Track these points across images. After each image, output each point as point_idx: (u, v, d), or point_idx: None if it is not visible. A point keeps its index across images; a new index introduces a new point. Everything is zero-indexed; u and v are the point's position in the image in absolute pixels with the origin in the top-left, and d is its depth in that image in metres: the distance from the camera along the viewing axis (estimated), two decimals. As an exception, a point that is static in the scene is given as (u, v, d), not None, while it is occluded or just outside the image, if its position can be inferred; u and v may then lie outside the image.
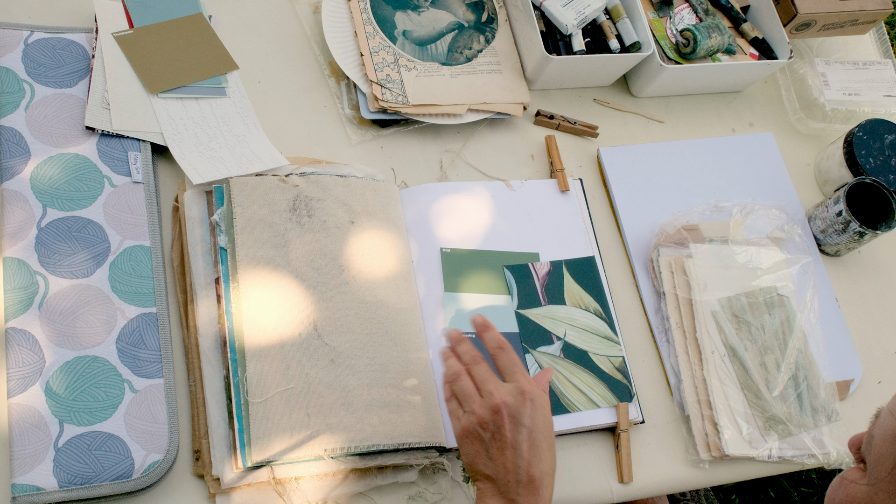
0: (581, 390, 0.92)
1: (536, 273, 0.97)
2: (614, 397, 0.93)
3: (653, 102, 1.18)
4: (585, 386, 0.92)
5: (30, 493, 0.74)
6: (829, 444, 0.97)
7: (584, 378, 0.93)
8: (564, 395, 0.91)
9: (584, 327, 0.95)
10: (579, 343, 0.94)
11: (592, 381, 0.93)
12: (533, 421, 0.75)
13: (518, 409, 0.74)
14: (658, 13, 1.17)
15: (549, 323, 0.95)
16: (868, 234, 1.07)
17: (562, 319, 0.95)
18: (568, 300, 0.96)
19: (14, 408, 0.77)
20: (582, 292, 0.97)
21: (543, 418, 0.75)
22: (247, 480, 0.79)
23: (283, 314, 0.84)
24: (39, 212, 0.85)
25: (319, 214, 0.90)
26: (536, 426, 0.75)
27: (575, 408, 0.91)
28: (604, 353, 0.95)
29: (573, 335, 0.95)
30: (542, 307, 0.95)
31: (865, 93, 1.22)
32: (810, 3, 1.17)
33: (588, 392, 0.92)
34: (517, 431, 0.74)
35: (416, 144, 1.04)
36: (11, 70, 0.90)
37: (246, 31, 1.04)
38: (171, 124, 0.93)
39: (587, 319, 0.96)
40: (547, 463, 0.75)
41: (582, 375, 0.93)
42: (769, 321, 1.01)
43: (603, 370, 0.94)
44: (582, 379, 0.92)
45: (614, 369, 0.94)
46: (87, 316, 0.82)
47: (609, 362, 0.94)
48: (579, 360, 0.94)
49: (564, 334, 0.94)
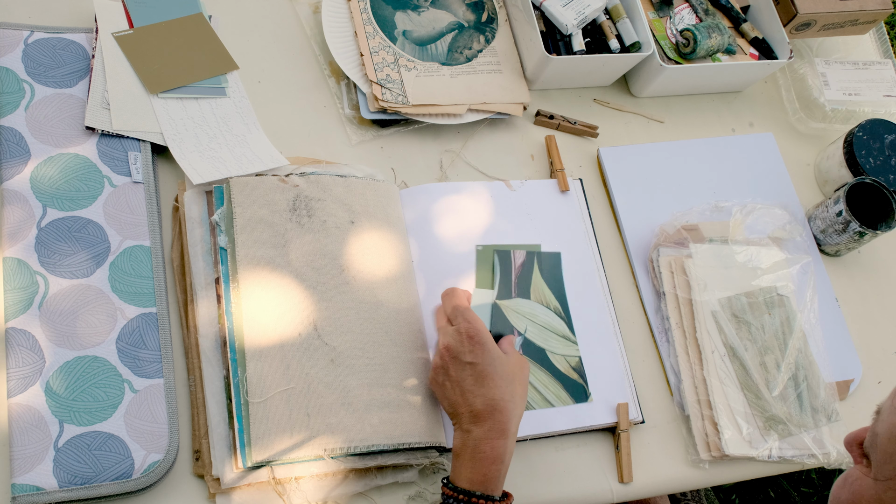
0: (537, 389, 0.91)
1: (514, 261, 0.96)
2: (569, 397, 0.91)
3: (653, 102, 1.18)
4: (541, 385, 0.91)
5: (30, 493, 0.74)
6: (829, 444, 0.97)
7: (539, 377, 0.91)
8: None
9: (543, 324, 0.94)
10: (538, 340, 0.93)
11: (548, 380, 0.92)
12: (476, 356, 0.80)
13: (458, 348, 0.80)
14: (658, 13, 1.17)
15: (513, 316, 0.94)
16: (868, 234, 1.07)
17: (524, 314, 0.94)
18: (533, 295, 0.95)
19: (14, 408, 0.77)
20: (545, 288, 0.96)
21: (486, 353, 0.80)
22: (247, 480, 0.79)
23: (283, 314, 0.84)
24: (39, 212, 0.85)
25: (319, 214, 0.90)
26: (481, 361, 0.79)
27: (529, 406, 0.89)
28: (561, 352, 0.94)
29: (533, 332, 0.93)
30: (511, 299, 0.94)
31: (865, 93, 1.22)
32: (810, 3, 1.17)
33: (543, 391, 0.91)
34: (460, 369, 0.80)
35: (416, 144, 1.04)
36: (11, 70, 0.90)
37: (246, 31, 1.04)
38: (171, 124, 0.93)
39: (547, 317, 0.95)
40: (496, 391, 0.79)
41: (538, 374, 0.92)
42: (769, 321, 1.01)
43: (559, 369, 0.93)
44: (538, 377, 0.91)
45: (570, 369, 0.93)
46: (87, 316, 0.82)
47: (566, 361, 0.93)
48: (537, 358, 0.92)
49: (525, 330, 0.93)
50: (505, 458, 0.77)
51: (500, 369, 0.80)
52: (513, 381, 0.80)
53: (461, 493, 0.76)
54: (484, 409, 0.78)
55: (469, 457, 0.77)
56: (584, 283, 0.99)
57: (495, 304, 0.92)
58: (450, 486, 0.77)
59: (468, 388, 0.79)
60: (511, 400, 0.79)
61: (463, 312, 0.82)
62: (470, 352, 0.80)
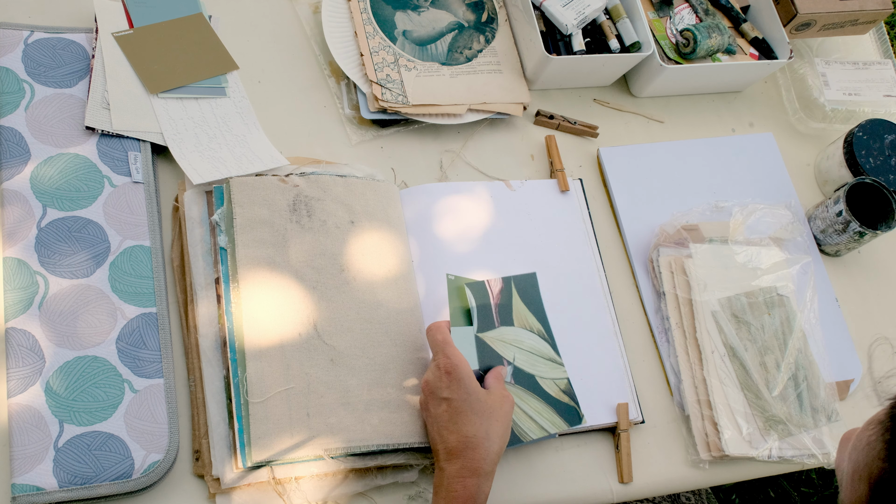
0: (532, 417, 0.88)
1: (491, 291, 0.92)
2: (563, 422, 0.89)
3: (653, 102, 1.18)
4: (535, 412, 0.88)
5: (30, 493, 0.74)
6: (829, 443, 0.97)
7: (533, 404, 0.89)
8: (517, 424, 0.86)
9: (530, 350, 0.91)
10: (527, 367, 0.90)
11: (541, 406, 0.89)
12: (452, 392, 0.78)
13: (436, 384, 0.80)
14: (658, 13, 1.17)
15: (499, 346, 0.90)
16: (868, 234, 1.07)
17: (511, 342, 0.90)
18: (516, 321, 0.92)
19: (14, 408, 0.77)
20: (527, 312, 0.93)
21: (462, 388, 0.78)
22: (247, 480, 0.79)
23: (283, 314, 0.84)
24: (39, 212, 0.85)
25: (319, 214, 0.90)
26: (457, 397, 0.78)
27: (527, 436, 0.86)
28: (549, 376, 0.91)
29: (521, 359, 0.90)
30: (495, 329, 0.90)
31: (865, 93, 1.22)
32: (810, 3, 1.17)
33: (538, 419, 0.88)
34: (437, 405, 0.79)
35: (416, 144, 1.04)
36: (11, 70, 0.90)
37: (246, 31, 1.04)
38: (171, 124, 0.93)
39: (532, 341, 0.92)
40: (468, 428, 0.77)
41: (531, 402, 0.89)
42: (769, 321, 1.01)
43: (550, 394, 0.90)
44: (532, 405, 0.88)
45: (561, 392, 0.90)
46: (87, 316, 0.82)
47: (555, 385, 0.91)
48: (528, 385, 0.89)
49: (514, 358, 0.90)
50: (478, 497, 0.76)
51: (476, 405, 0.78)
52: (489, 417, 0.79)
53: None
54: (456, 446, 0.77)
55: (444, 496, 0.76)
56: (584, 284, 0.99)
57: (479, 338, 0.89)
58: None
59: (443, 424, 0.78)
60: (485, 437, 0.77)
61: (443, 348, 0.81)
62: (447, 387, 0.79)
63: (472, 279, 0.91)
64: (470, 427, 0.77)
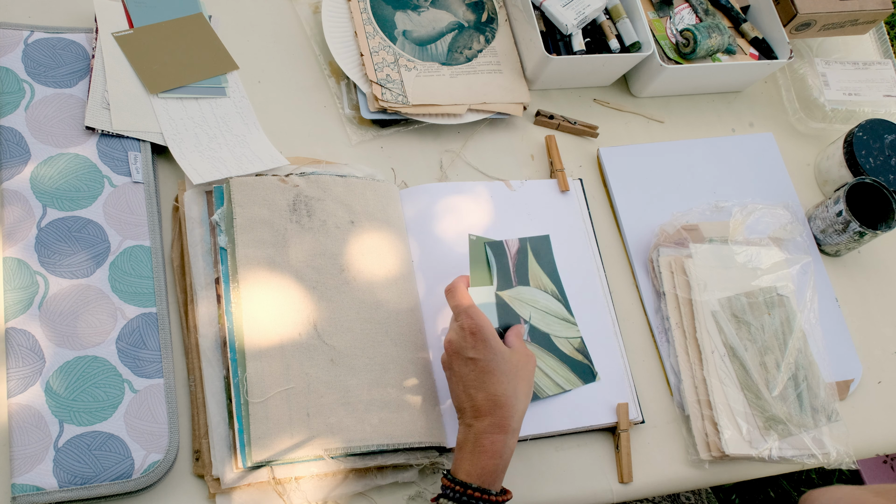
0: (547, 374, 0.91)
1: (509, 250, 0.94)
2: (578, 379, 0.92)
3: (653, 102, 1.18)
4: (551, 370, 0.91)
5: (30, 493, 0.74)
6: (829, 444, 0.97)
7: (549, 362, 0.91)
8: (535, 382, 0.89)
9: (545, 309, 0.94)
10: (542, 326, 0.93)
11: (557, 364, 0.92)
12: (478, 352, 0.79)
13: (460, 344, 0.80)
14: (658, 13, 1.17)
15: (517, 305, 0.92)
16: (868, 234, 1.07)
17: (527, 301, 0.93)
18: (531, 281, 0.94)
19: (14, 408, 0.77)
20: (541, 273, 0.95)
21: (489, 349, 0.79)
22: (247, 480, 0.79)
23: (283, 314, 0.84)
24: (39, 212, 0.85)
25: (319, 214, 0.90)
26: (484, 356, 0.79)
27: (544, 393, 0.90)
28: (564, 335, 0.94)
29: (537, 318, 0.93)
30: (513, 288, 0.92)
31: (865, 93, 1.22)
32: (810, 3, 1.17)
33: (554, 376, 0.91)
34: (463, 364, 0.80)
35: (416, 144, 1.04)
36: (11, 70, 0.90)
37: (246, 31, 1.04)
38: (171, 124, 0.93)
39: (547, 301, 0.94)
40: (497, 387, 0.79)
41: (547, 359, 0.91)
42: (769, 321, 1.01)
43: (565, 353, 0.93)
44: (548, 363, 0.91)
45: (575, 350, 0.93)
46: (87, 316, 0.82)
47: (569, 344, 0.93)
48: (543, 344, 0.92)
49: (530, 317, 0.92)
50: (504, 453, 0.78)
51: (503, 365, 0.80)
52: (515, 376, 0.80)
53: (458, 484, 0.76)
54: (485, 405, 0.78)
55: (469, 450, 0.78)
56: (584, 284, 0.99)
57: (498, 296, 0.91)
58: (449, 476, 0.77)
59: (470, 383, 0.79)
60: (513, 395, 0.79)
61: (466, 309, 0.82)
62: (472, 347, 0.80)
63: (491, 239, 0.93)
64: (499, 386, 0.79)
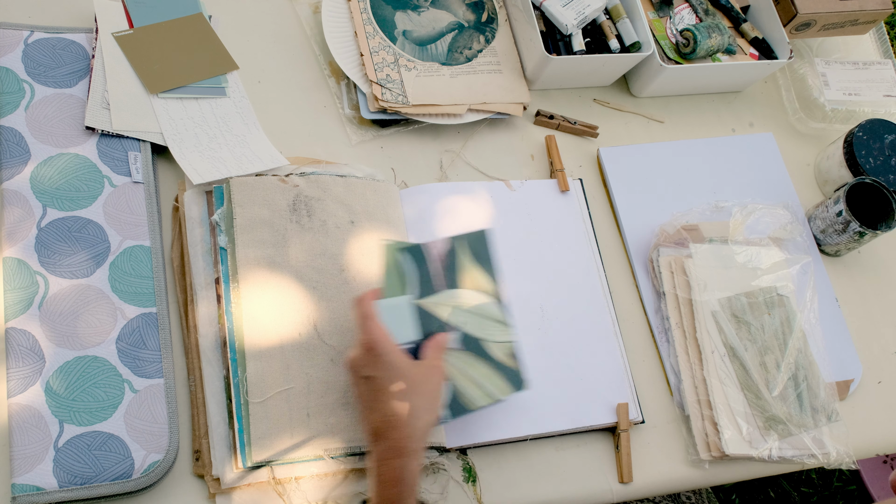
0: (478, 384, 0.84)
1: (435, 253, 0.85)
2: (509, 387, 0.85)
3: (653, 102, 1.18)
4: (483, 378, 0.84)
5: (30, 493, 0.74)
6: (829, 444, 0.97)
7: (480, 370, 0.84)
8: (462, 393, 0.83)
9: (480, 313, 0.86)
10: (475, 331, 0.85)
11: (489, 372, 0.85)
12: (374, 369, 0.74)
13: (359, 362, 0.75)
14: (658, 13, 1.17)
15: (444, 311, 0.84)
16: (868, 234, 1.07)
17: (457, 305, 0.85)
18: (465, 283, 0.86)
19: (14, 408, 0.77)
20: (478, 273, 0.87)
21: (384, 365, 0.73)
22: (247, 480, 0.79)
23: (283, 314, 0.84)
24: (39, 212, 0.85)
25: (319, 214, 0.90)
26: (379, 374, 0.74)
27: (472, 405, 0.83)
28: (498, 339, 0.86)
29: (469, 322, 0.85)
30: (439, 293, 0.84)
31: (865, 93, 1.22)
32: (810, 3, 1.17)
33: (486, 386, 0.84)
34: (359, 384, 0.75)
35: (416, 144, 1.05)
36: (11, 70, 0.90)
37: (246, 31, 1.04)
38: (171, 124, 0.93)
39: (483, 303, 0.86)
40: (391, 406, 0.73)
41: (479, 367, 0.84)
42: (769, 321, 1.01)
43: (497, 359, 0.85)
44: (478, 371, 0.84)
45: (507, 356, 0.86)
46: (87, 316, 0.82)
47: (502, 349, 0.86)
48: (475, 350, 0.85)
49: (461, 323, 0.85)
50: (405, 478, 0.72)
51: (399, 382, 0.74)
52: (414, 392, 0.74)
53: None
54: (380, 426, 0.73)
55: (373, 479, 0.73)
56: (583, 284, 0.99)
57: (417, 306, 0.82)
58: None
59: (366, 403, 0.74)
60: (409, 414, 0.73)
61: (363, 322, 0.76)
62: (368, 364, 0.74)
63: (410, 243, 0.85)
64: (393, 405, 0.73)
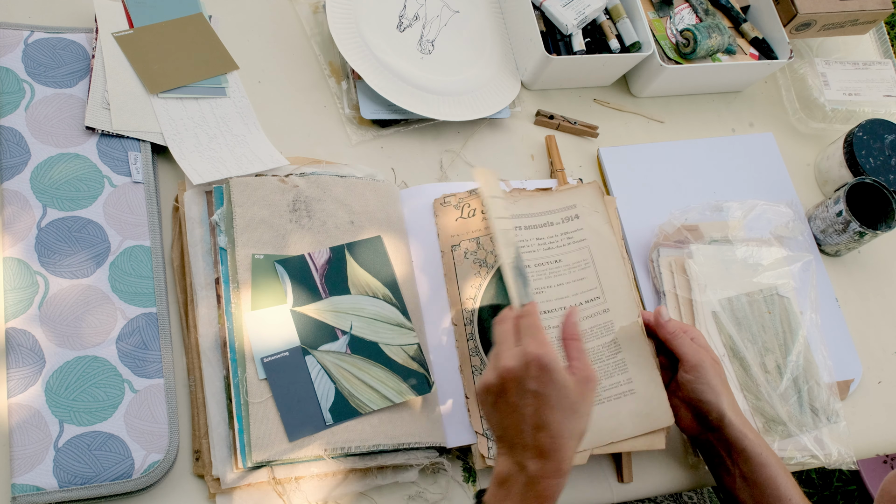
0: (373, 387, 0.83)
1: (314, 263, 0.87)
2: (410, 389, 0.85)
3: (653, 102, 1.18)
4: (377, 381, 0.84)
5: (30, 493, 0.74)
6: (829, 444, 0.97)
7: (374, 373, 0.84)
8: (354, 396, 0.82)
9: (372, 316, 0.86)
10: (368, 335, 0.85)
11: (384, 374, 0.84)
12: (541, 386, 0.71)
13: (521, 374, 0.72)
14: (658, 13, 1.17)
15: (331, 317, 0.85)
16: (868, 234, 1.07)
17: (346, 311, 0.85)
18: (353, 288, 0.87)
19: (14, 408, 0.77)
20: (369, 278, 0.88)
21: (553, 383, 0.71)
22: (247, 480, 0.79)
23: (282, 314, 0.84)
24: (39, 212, 0.85)
25: (319, 215, 0.90)
26: (546, 391, 0.71)
27: (366, 408, 0.82)
28: (396, 342, 0.86)
29: (361, 327, 0.85)
30: (323, 300, 0.85)
31: (865, 93, 1.22)
32: (810, 3, 1.17)
33: (380, 388, 0.83)
34: (521, 396, 0.72)
35: (416, 144, 1.05)
36: (11, 70, 0.90)
37: (246, 31, 1.04)
38: (171, 124, 0.93)
39: (376, 307, 0.87)
40: (560, 427, 0.71)
41: (373, 370, 0.84)
42: (769, 321, 1.01)
43: (396, 361, 0.85)
44: (373, 374, 0.84)
45: (409, 359, 0.86)
46: (87, 316, 0.82)
47: (402, 351, 0.86)
48: (369, 354, 0.85)
49: (350, 327, 0.85)
50: (557, 497, 0.72)
51: (565, 402, 0.72)
52: (574, 414, 0.72)
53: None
54: (548, 445, 0.71)
55: (520, 491, 0.71)
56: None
57: (295, 313, 0.84)
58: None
59: (530, 420, 0.72)
60: (571, 437, 0.72)
61: (534, 332, 0.74)
62: (535, 378, 0.71)
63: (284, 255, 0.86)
64: (561, 426, 0.71)
